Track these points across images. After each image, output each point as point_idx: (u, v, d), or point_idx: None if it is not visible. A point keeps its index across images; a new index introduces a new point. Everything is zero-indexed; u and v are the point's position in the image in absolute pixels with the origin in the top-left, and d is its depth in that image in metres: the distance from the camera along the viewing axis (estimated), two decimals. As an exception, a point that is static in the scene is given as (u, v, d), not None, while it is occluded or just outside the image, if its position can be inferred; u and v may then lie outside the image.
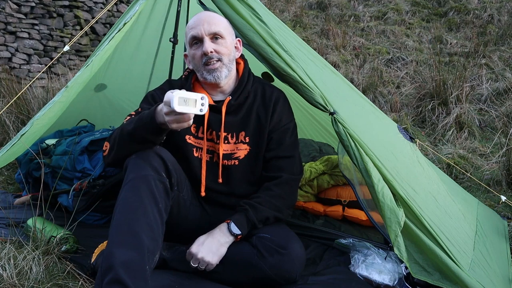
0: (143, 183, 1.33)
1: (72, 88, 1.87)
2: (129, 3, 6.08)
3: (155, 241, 1.29)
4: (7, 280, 1.42)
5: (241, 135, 1.64)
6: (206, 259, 1.44)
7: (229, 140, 1.63)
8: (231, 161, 1.64)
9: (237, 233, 1.49)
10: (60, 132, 2.59)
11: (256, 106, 1.65)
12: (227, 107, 1.61)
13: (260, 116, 1.65)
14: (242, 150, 1.64)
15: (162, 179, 1.38)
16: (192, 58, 1.60)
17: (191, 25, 1.58)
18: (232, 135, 1.64)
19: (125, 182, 1.36)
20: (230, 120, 1.62)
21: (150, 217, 1.30)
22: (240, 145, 1.64)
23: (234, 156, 1.64)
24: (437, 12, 6.92)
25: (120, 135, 1.45)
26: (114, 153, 1.48)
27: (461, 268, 1.38)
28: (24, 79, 5.34)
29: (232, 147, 1.64)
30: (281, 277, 1.45)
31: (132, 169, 1.38)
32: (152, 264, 1.27)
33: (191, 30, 1.57)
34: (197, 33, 1.55)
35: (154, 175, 1.36)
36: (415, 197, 1.53)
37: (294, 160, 1.66)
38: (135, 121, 1.41)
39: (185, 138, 1.62)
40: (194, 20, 1.59)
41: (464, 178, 2.99)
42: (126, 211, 1.30)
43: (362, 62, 5.59)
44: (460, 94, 4.04)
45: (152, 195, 1.33)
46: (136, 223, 1.27)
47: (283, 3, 7.90)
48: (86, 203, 1.98)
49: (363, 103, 2.12)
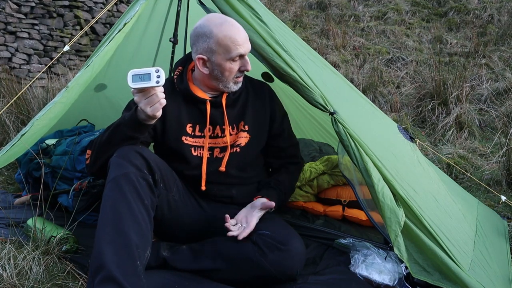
0: (125, 181, 1.34)
1: (73, 88, 1.87)
2: (129, 3, 6.08)
3: (143, 237, 1.29)
4: (7, 280, 1.42)
5: (240, 124, 1.70)
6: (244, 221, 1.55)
7: (230, 132, 1.68)
8: (233, 149, 1.68)
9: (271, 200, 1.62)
10: (60, 132, 2.59)
11: (251, 97, 1.73)
12: (226, 100, 1.65)
13: (257, 106, 1.73)
14: (243, 138, 1.70)
15: (145, 175, 1.39)
16: (229, 71, 1.57)
17: (237, 41, 1.52)
18: (233, 127, 1.70)
19: (107, 181, 1.36)
20: (229, 113, 1.67)
21: (136, 213, 1.30)
22: (240, 133, 1.70)
23: (235, 144, 1.69)
24: (437, 12, 6.92)
25: (101, 137, 1.49)
26: (95, 158, 1.50)
27: (461, 268, 1.38)
28: (24, 79, 5.34)
29: (233, 138, 1.70)
30: (282, 273, 1.46)
31: (113, 168, 1.39)
32: (144, 260, 1.27)
33: (240, 47, 1.53)
34: (245, 52, 1.56)
35: (135, 172, 1.36)
36: (415, 197, 1.53)
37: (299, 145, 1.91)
38: (116, 122, 1.47)
39: (182, 140, 1.63)
40: (239, 36, 1.54)
41: (464, 178, 2.99)
42: (111, 209, 1.30)
43: (362, 62, 5.59)
44: (460, 94, 4.04)
45: (136, 191, 1.33)
46: (122, 220, 1.27)
47: (283, 3, 7.90)
48: (86, 203, 1.98)
49: (363, 103, 2.12)
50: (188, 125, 1.64)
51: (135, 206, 1.31)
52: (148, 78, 1.26)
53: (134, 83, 1.26)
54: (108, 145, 1.46)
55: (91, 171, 1.56)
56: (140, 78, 1.26)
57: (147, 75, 1.26)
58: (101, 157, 1.49)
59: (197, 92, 1.65)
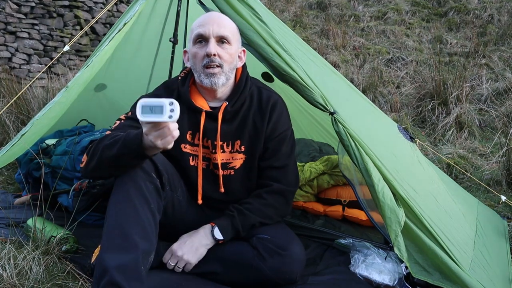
0: (132, 185, 1.32)
1: (73, 88, 1.87)
2: (129, 3, 6.07)
3: (148, 241, 1.29)
4: (7, 280, 1.42)
5: (236, 144, 1.58)
6: (185, 257, 1.45)
7: (224, 149, 1.57)
8: (227, 171, 1.59)
9: (219, 239, 1.49)
10: (60, 132, 2.59)
11: (252, 112, 1.58)
12: (223, 114, 1.54)
13: (256, 123, 1.58)
14: (238, 160, 1.59)
15: (152, 179, 1.37)
16: (193, 56, 1.51)
17: (200, 22, 1.49)
18: (228, 143, 1.57)
19: (115, 185, 1.35)
20: (225, 128, 1.55)
21: (142, 217, 1.29)
22: (235, 154, 1.58)
23: (229, 166, 1.59)
24: (437, 12, 6.92)
25: (100, 156, 1.34)
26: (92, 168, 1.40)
27: (461, 268, 1.38)
28: (24, 79, 5.34)
29: (228, 156, 1.58)
30: (281, 278, 1.45)
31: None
32: (147, 265, 1.27)
33: (199, 28, 1.48)
34: (205, 32, 1.47)
35: (143, 176, 1.34)
36: (415, 197, 1.53)
37: (288, 169, 1.61)
38: (119, 146, 1.29)
39: (181, 147, 1.58)
40: (204, 18, 1.51)
41: (464, 178, 2.99)
42: (117, 213, 1.29)
43: (362, 62, 5.59)
44: (460, 94, 4.04)
45: (143, 195, 1.32)
46: (128, 225, 1.26)
47: (283, 3, 7.90)
48: (86, 203, 1.98)
49: (363, 103, 2.12)
50: (188, 132, 1.58)
51: (141, 210, 1.30)
52: (160, 111, 1.11)
53: (143, 115, 1.11)
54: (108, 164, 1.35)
55: (84, 175, 1.51)
56: (151, 110, 1.11)
57: (159, 108, 1.11)
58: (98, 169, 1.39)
59: (196, 99, 1.56)
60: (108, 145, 1.33)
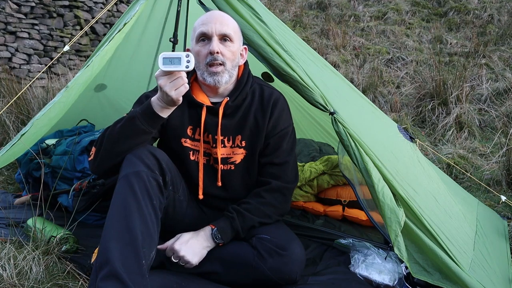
0: (137, 179, 1.33)
1: (73, 88, 1.87)
2: (129, 3, 6.08)
3: (150, 237, 1.29)
4: (7, 280, 1.42)
5: (237, 138, 1.60)
6: (186, 258, 1.45)
7: (225, 144, 1.59)
8: (227, 166, 1.61)
9: (219, 242, 1.50)
10: (60, 132, 2.59)
11: (254, 109, 1.60)
12: (224, 108, 1.56)
13: (258, 119, 1.60)
14: (239, 155, 1.61)
15: (156, 176, 1.37)
16: (197, 54, 1.53)
17: (203, 20, 1.53)
18: (229, 138, 1.59)
19: (119, 178, 1.36)
20: (226, 123, 1.58)
21: (145, 213, 1.30)
22: (236, 149, 1.60)
23: (230, 161, 1.60)
24: (437, 12, 6.92)
25: (109, 133, 1.43)
26: (101, 155, 1.44)
27: (461, 268, 1.38)
28: (24, 79, 5.34)
29: (228, 151, 1.60)
30: (281, 278, 1.45)
31: (125, 165, 1.38)
32: (149, 260, 1.27)
33: (202, 26, 1.51)
34: (208, 30, 1.50)
35: (147, 172, 1.35)
36: (415, 197, 1.53)
37: (288, 166, 1.62)
38: (127, 115, 1.42)
39: (181, 142, 1.59)
40: (207, 17, 1.53)
41: (464, 178, 2.99)
42: (120, 206, 1.30)
43: (362, 62, 5.59)
44: (460, 94, 4.04)
45: (146, 191, 1.33)
46: (131, 218, 1.27)
47: (283, 3, 7.90)
48: (86, 203, 1.98)
49: (363, 103, 2.12)
50: (189, 127, 1.60)
51: (144, 205, 1.30)
52: (178, 62, 1.26)
53: (164, 66, 1.26)
54: (117, 139, 1.41)
55: (93, 168, 1.51)
56: (171, 62, 1.26)
57: (177, 59, 1.26)
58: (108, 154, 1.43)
59: (198, 95, 1.59)
60: (115, 122, 1.44)
